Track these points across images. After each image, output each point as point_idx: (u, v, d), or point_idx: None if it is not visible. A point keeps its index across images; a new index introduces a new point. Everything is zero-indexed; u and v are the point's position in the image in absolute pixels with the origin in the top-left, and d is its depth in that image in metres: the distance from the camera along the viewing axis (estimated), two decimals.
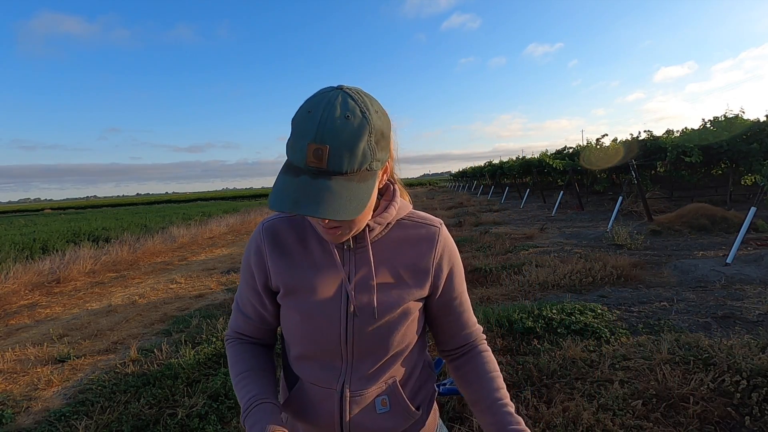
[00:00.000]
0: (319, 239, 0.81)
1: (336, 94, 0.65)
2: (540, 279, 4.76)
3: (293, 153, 0.64)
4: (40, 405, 2.95)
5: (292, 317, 0.81)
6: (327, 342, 0.79)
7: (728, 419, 2.07)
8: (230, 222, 15.51)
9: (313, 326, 0.79)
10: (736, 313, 3.46)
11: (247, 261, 0.85)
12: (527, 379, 2.57)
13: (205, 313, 4.80)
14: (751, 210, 5.20)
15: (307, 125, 0.62)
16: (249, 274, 0.85)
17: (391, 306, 0.80)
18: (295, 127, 0.64)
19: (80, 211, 48.82)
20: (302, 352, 0.83)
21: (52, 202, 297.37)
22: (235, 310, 0.90)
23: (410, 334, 0.84)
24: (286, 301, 0.82)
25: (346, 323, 0.79)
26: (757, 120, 8.94)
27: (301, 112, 0.65)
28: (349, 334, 0.79)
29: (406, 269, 0.82)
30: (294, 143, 0.64)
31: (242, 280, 0.88)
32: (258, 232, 0.84)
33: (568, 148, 17.55)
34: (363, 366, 0.81)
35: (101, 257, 8.49)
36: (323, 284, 0.79)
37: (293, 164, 0.65)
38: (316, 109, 0.63)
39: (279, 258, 0.81)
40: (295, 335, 0.83)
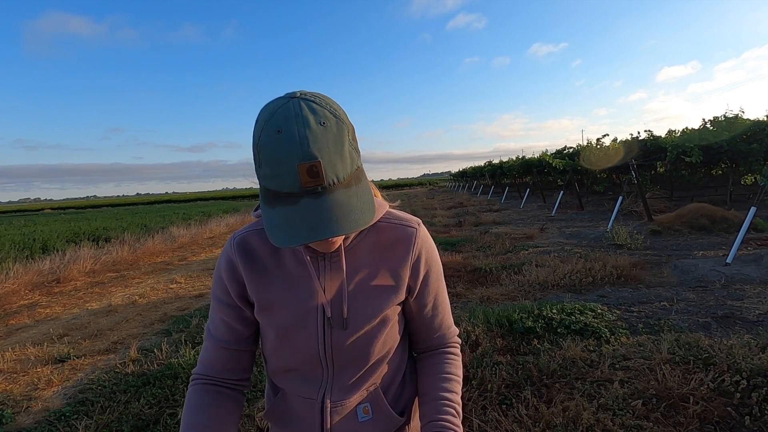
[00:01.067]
0: (292, 251, 0.77)
1: (297, 103, 0.59)
2: (540, 279, 4.76)
3: (279, 180, 0.58)
4: (40, 405, 2.95)
5: (269, 333, 0.79)
6: (305, 355, 0.78)
7: (728, 419, 2.07)
8: (230, 222, 15.51)
9: (291, 341, 0.77)
10: (736, 313, 3.46)
11: (219, 277, 0.80)
12: (527, 379, 2.57)
13: (205, 313, 4.80)
14: (751, 210, 5.20)
15: (285, 146, 0.56)
16: (222, 290, 0.80)
17: (369, 315, 0.77)
18: (268, 153, 0.58)
19: (80, 211, 48.82)
20: (282, 365, 0.81)
21: (52, 202, 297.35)
22: (207, 341, 0.83)
23: (390, 340, 0.82)
24: (262, 317, 0.79)
25: (324, 336, 0.76)
26: (757, 120, 8.95)
27: (266, 135, 0.58)
28: (328, 347, 0.77)
29: (384, 275, 0.78)
30: (276, 170, 0.57)
31: (214, 302, 0.82)
32: (229, 247, 0.79)
33: (568, 148, 17.56)
34: (344, 376, 0.80)
35: (101, 257, 8.49)
36: (299, 297, 0.76)
37: (283, 192, 0.59)
38: (286, 125, 0.57)
39: (253, 273, 0.77)
40: (274, 350, 0.80)
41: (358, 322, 0.76)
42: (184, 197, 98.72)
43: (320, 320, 0.76)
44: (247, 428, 2.38)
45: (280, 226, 0.59)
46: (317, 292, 0.75)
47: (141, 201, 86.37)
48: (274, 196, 0.60)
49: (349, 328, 0.76)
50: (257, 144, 0.59)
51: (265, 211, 0.62)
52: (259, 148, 0.59)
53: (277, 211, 0.60)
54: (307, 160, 0.56)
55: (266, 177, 0.60)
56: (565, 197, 14.08)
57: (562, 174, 14.52)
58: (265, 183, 0.61)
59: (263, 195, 0.63)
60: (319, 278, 0.75)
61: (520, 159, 20.44)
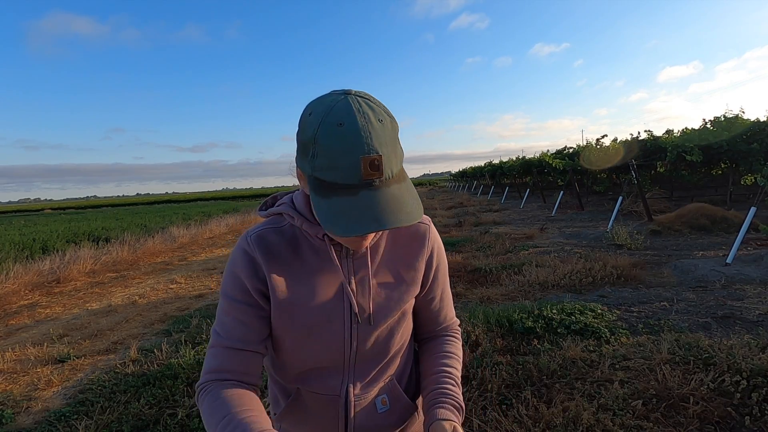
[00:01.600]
0: (313, 248, 0.77)
1: (355, 99, 0.61)
2: (540, 279, 4.76)
3: (337, 172, 0.59)
4: (40, 405, 2.95)
5: (289, 333, 0.77)
6: (331, 351, 0.78)
7: (728, 419, 2.07)
8: (230, 222, 15.52)
9: (316, 337, 0.77)
10: (736, 313, 3.46)
11: (234, 276, 0.75)
12: (527, 379, 2.57)
13: (205, 313, 4.80)
14: (751, 210, 5.20)
15: (348, 139, 0.58)
16: (239, 288, 0.75)
17: (391, 310, 0.79)
18: (328, 145, 0.59)
19: (80, 211, 48.83)
20: (302, 365, 0.80)
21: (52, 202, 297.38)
22: (214, 347, 0.75)
23: (406, 333, 0.86)
24: (283, 315, 0.76)
25: (350, 332, 0.77)
26: (757, 120, 8.94)
27: (326, 127, 0.59)
28: (353, 342, 0.78)
29: (402, 270, 0.81)
30: (336, 161, 0.59)
31: (227, 303, 0.76)
32: (245, 243, 0.76)
33: (568, 148, 17.55)
34: (365, 370, 0.81)
35: (101, 257, 8.49)
36: (325, 293, 0.76)
37: (340, 183, 0.60)
38: (348, 119, 0.59)
39: (275, 270, 0.75)
40: (294, 350, 0.78)
41: (382, 316, 0.78)
42: (184, 197, 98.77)
43: (347, 316, 0.77)
44: None
45: (338, 215, 0.60)
46: (343, 289, 0.76)
47: (141, 201, 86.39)
48: (328, 187, 0.61)
49: (374, 323, 0.78)
50: (314, 136, 0.60)
51: (318, 201, 0.62)
52: (315, 140, 0.60)
53: (332, 202, 0.61)
54: (370, 154, 0.58)
55: (322, 168, 0.60)
56: (565, 197, 14.08)
57: (562, 174, 14.52)
58: (319, 174, 0.61)
59: (315, 186, 0.63)
60: (341, 273, 0.76)
61: (520, 159, 20.44)
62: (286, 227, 0.78)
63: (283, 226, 0.78)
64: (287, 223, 0.78)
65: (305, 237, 0.77)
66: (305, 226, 0.75)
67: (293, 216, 0.76)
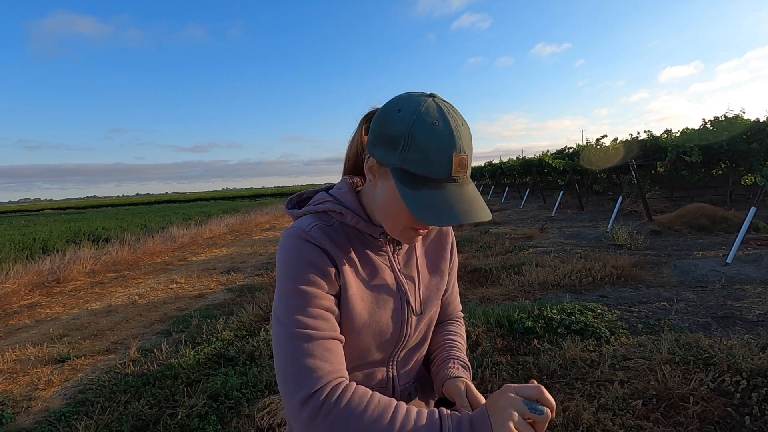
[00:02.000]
0: (365, 243, 0.78)
1: (442, 103, 0.67)
2: (540, 279, 4.76)
3: (428, 166, 0.63)
4: (40, 405, 2.95)
5: (351, 323, 0.74)
6: (384, 343, 0.79)
7: (728, 419, 2.07)
8: (230, 222, 15.51)
9: (374, 329, 0.77)
10: (736, 313, 3.46)
11: (309, 265, 0.70)
12: (527, 379, 2.57)
13: (205, 313, 4.80)
14: (751, 210, 5.20)
15: (443, 138, 0.63)
16: (314, 281, 0.70)
17: (435, 298, 0.87)
18: (423, 141, 0.63)
19: (80, 211, 48.83)
20: (357, 357, 0.78)
21: (52, 202, 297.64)
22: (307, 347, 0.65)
23: (435, 322, 0.93)
24: (346, 305, 0.74)
25: (404, 323, 0.81)
26: (757, 120, 8.94)
27: (421, 124, 0.63)
28: (405, 333, 0.81)
29: (436, 263, 0.89)
30: (429, 156, 0.63)
31: (304, 299, 0.69)
32: (307, 236, 0.72)
33: (568, 148, 17.55)
34: (408, 359, 0.86)
35: (101, 257, 8.49)
36: (380, 288, 0.78)
37: (431, 177, 0.64)
38: (442, 120, 0.64)
39: (342, 260, 0.74)
40: (352, 342, 0.75)
41: (428, 306, 0.85)
42: (184, 197, 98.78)
43: (401, 308, 0.80)
44: (247, 428, 2.38)
45: (429, 207, 0.63)
46: (397, 282, 0.80)
47: (141, 201, 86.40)
48: (418, 179, 0.65)
49: (423, 312, 0.84)
50: (408, 131, 0.64)
51: (406, 191, 0.65)
52: (410, 135, 0.64)
53: (422, 193, 0.64)
54: (460, 153, 0.64)
55: (414, 162, 0.64)
56: (565, 197, 14.08)
57: (562, 174, 14.52)
58: (409, 167, 0.65)
59: (403, 177, 0.66)
60: (395, 269, 0.81)
61: (520, 159, 20.43)
62: (335, 224, 0.77)
63: (332, 224, 0.76)
64: (335, 221, 0.77)
65: (356, 233, 0.78)
66: (361, 225, 0.76)
67: (344, 213, 0.76)
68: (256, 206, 24.80)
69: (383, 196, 0.72)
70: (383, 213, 0.73)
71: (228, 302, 5.30)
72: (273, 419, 2.40)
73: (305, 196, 0.85)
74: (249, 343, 3.51)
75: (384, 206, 0.72)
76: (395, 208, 0.70)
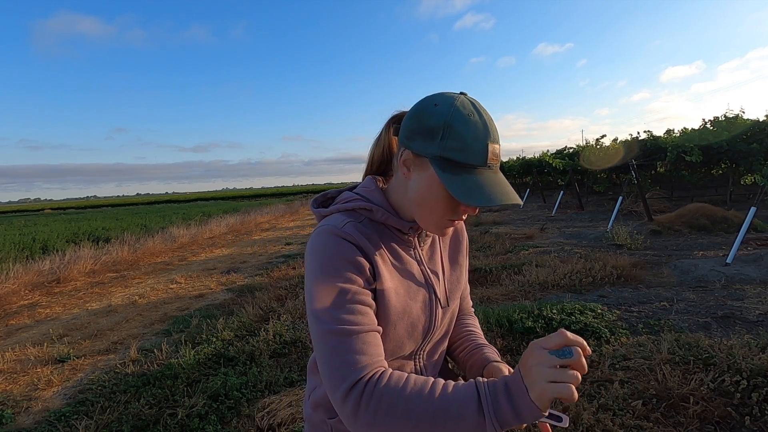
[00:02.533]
0: (393, 239, 0.80)
1: (472, 99, 0.73)
2: (540, 279, 4.76)
3: (466, 154, 0.69)
4: (40, 405, 2.95)
5: (384, 317, 0.75)
6: (414, 337, 0.80)
7: (728, 419, 2.07)
8: (230, 222, 15.51)
9: (405, 321, 0.78)
10: (736, 313, 3.46)
11: (344, 260, 0.71)
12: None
13: (205, 313, 4.80)
14: (751, 210, 5.20)
15: (479, 128, 0.69)
16: (349, 277, 0.71)
17: (458, 290, 0.90)
18: (462, 130, 0.69)
19: (80, 211, 48.84)
20: (390, 350, 0.78)
21: (52, 202, 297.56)
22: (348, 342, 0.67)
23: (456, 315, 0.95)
24: (379, 300, 0.75)
25: (435, 313, 0.83)
26: (757, 120, 8.94)
27: (458, 115, 0.69)
28: (434, 325, 0.83)
29: (456, 257, 0.93)
30: (467, 144, 0.68)
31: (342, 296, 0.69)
32: (340, 233, 0.73)
33: (568, 148, 17.56)
34: (434, 351, 0.88)
35: (101, 257, 8.49)
36: (409, 281, 0.80)
37: (469, 163, 0.69)
38: (476, 113, 0.70)
39: (375, 256, 0.75)
40: (385, 336, 0.75)
41: (453, 298, 0.88)
42: (184, 197, 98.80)
43: (429, 300, 0.82)
44: (247, 428, 2.38)
45: (472, 189, 0.68)
46: (425, 275, 0.83)
47: (141, 201, 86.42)
48: (458, 165, 0.70)
49: (449, 304, 0.86)
50: (446, 122, 0.69)
51: (448, 177, 0.69)
52: (449, 126, 0.69)
53: (463, 178, 0.69)
54: (494, 142, 0.70)
55: (453, 149, 0.69)
56: (565, 197, 14.09)
57: (562, 174, 14.52)
58: (449, 154, 0.69)
59: (443, 164, 0.70)
60: (422, 262, 0.84)
61: (520, 159, 20.43)
62: (365, 221, 0.78)
63: (361, 221, 0.78)
64: (364, 218, 0.79)
65: (384, 229, 0.80)
66: (391, 220, 0.79)
67: (374, 210, 0.78)
68: (256, 206, 24.80)
69: (419, 187, 0.74)
70: (418, 204, 0.75)
71: (228, 302, 5.30)
72: (273, 419, 2.40)
73: (329, 195, 0.87)
74: (249, 343, 3.51)
75: (420, 197, 0.75)
76: (433, 197, 0.73)
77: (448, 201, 0.72)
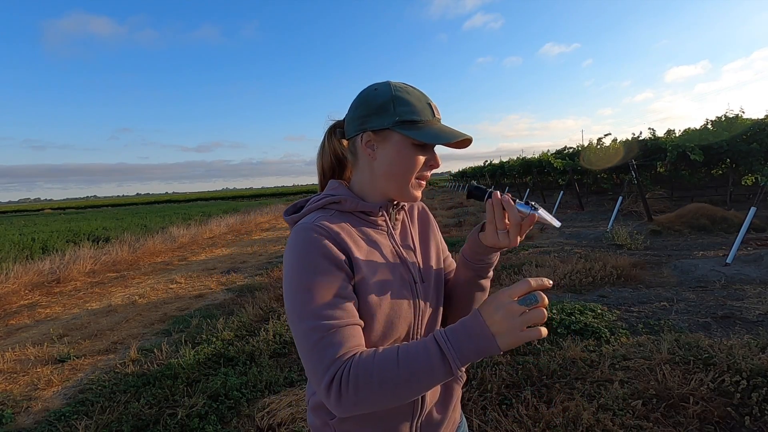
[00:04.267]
0: (363, 224, 0.85)
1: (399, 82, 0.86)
2: None
3: (419, 112, 0.81)
4: (40, 405, 2.95)
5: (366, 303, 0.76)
6: (400, 318, 0.81)
7: (728, 419, 2.07)
8: (230, 222, 15.51)
9: (388, 305, 0.79)
10: (736, 313, 3.46)
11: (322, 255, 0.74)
12: (527, 379, 2.57)
13: (205, 313, 4.80)
14: (751, 210, 5.20)
15: (417, 93, 0.83)
16: (332, 265, 0.73)
17: (434, 265, 0.92)
18: (407, 97, 0.81)
19: (80, 211, 48.84)
20: (378, 338, 0.79)
21: (52, 202, 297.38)
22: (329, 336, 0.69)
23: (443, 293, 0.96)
24: (360, 287, 0.77)
25: (416, 291, 0.85)
26: (757, 120, 8.94)
27: (398, 89, 0.82)
28: (417, 298, 0.85)
29: (428, 233, 0.97)
30: (417, 106, 0.81)
31: (323, 286, 0.72)
32: (315, 229, 0.76)
33: (568, 148, 17.54)
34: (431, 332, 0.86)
35: (101, 257, 8.49)
36: (385, 263, 0.83)
37: (422, 119, 0.81)
38: (408, 86, 0.84)
39: (350, 245, 0.78)
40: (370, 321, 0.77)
41: (429, 273, 0.90)
42: (185, 197, 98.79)
43: (407, 278, 0.85)
44: (247, 428, 2.38)
45: (435, 134, 0.79)
46: (398, 253, 0.86)
47: (141, 201, 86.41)
48: (414, 123, 0.80)
49: (426, 279, 0.88)
50: (392, 95, 0.81)
51: (414, 131, 0.80)
52: (395, 98, 0.81)
53: (424, 129, 0.80)
54: (432, 101, 0.84)
55: (407, 112, 0.80)
56: (565, 197, 14.08)
57: (562, 174, 14.51)
58: (405, 117, 0.80)
59: (404, 126, 0.80)
60: (395, 241, 0.87)
61: (520, 159, 20.42)
62: (335, 214, 0.83)
63: (332, 215, 0.82)
64: (334, 211, 0.84)
65: (355, 217, 0.85)
66: (360, 205, 0.84)
67: (343, 201, 0.84)
68: (256, 206, 24.80)
69: (387, 157, 0.82)
70: (389, 175, 0.83)
71: (228, 302, 5.29)
72: (273, 419, 2.40)
73: (299, 205, 0.89)
74: (249, 343, 3.51)
75: (389, 167, 0.82)
76: (402, 160, 0.81)
77: (415, 159, 0.81)
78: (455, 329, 0.67)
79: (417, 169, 0.82)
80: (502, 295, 0.65)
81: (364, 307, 0.76)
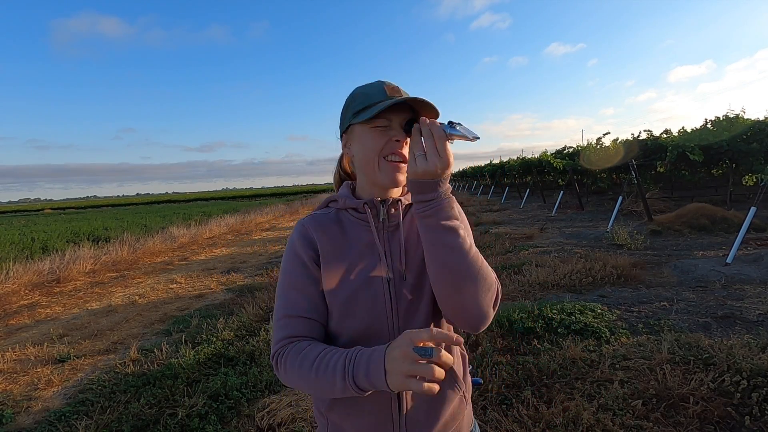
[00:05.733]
0: (353, 222, 0.89)
1: None
2: (540, 279, 4.76)
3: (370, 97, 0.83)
4: (40, 405, 2.95)
5: (339, 295, 0.84)
6: (374, 312, 0.83)
7: (728, 419, 2.07)
8: (230, 222, 15.51)
9: (361, 298, 0.83)
10: (736, 313, 3.46)
11: (294, 253, 0.87)
12: (527, 379, 2.57)
13: (205, 313, 4.80)
14: (751, 210, 5.20)
15: (371, 83, 0.88)
16: (298, 262, 0.86)
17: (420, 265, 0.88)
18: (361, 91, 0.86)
19: (80, 211, 48.82)
20: (353, 330, 0.83)
21: (52, 202, 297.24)
22: (282, 319, 0.85)
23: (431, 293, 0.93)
24: (331, 278, 0.84)
25: (394, 288, 0.84)
26: (757, 120, 8.93)
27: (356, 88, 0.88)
28: (392, 296, 0.84)
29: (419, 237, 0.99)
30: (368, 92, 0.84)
31: (288, 279, 0.86)
32: (301, 225, 0.90)
33: (568, 148, 17.53)
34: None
35: (101, 257, 8.49)
36: (363, 258, 0.85)
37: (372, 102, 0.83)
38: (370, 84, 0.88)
39: (324, 238, 0.87)
40: (343, 314, 0.83)
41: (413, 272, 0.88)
42: (185, 197, 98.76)
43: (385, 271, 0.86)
44: (247, 428, 2.38)
45: (380, 106, 0.79)
46: (383, 250, 0.87)
47: (141, 201, 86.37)
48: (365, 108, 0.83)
49: (407, 278, 0.87)
50: (351, 95, 0.88)
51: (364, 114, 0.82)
52: (352, 97, 0.87)
53: (374, 106, 0.81)
54: (388, 83, 0.86)
55: (359, 103, 0.85)
56: (565, 197, 14.08)
57: (562, 174, 14.51)
58: (357, 108, 0.85)
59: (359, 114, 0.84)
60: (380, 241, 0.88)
61: (520, 159, 20.40)
62: (332, 212, 0.92)
63: (329, 212, 0.92)
64: (332, 209, 0.93)
65: (346, 214, 0.91)
66: (348, 202, 0.89)
67: (338, 199, 0.91)
68: (256, 206, 24.80)
69: (356, 150, 0.87)
70: (363, 164, 0.86)
71: (228, 302, 5.29)
72: (273, 419, 2.40)
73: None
74: (249, 343, 3.51)
75: (360, 156, 0.86)
76: (367, 145, 0.84)
77: (376, 140, 0.83)
78: (364, 353, 0.71)
79: (378, 148, 0.83)
80: (405, 336, 0.67)
81: (327, 292, 0.85)
